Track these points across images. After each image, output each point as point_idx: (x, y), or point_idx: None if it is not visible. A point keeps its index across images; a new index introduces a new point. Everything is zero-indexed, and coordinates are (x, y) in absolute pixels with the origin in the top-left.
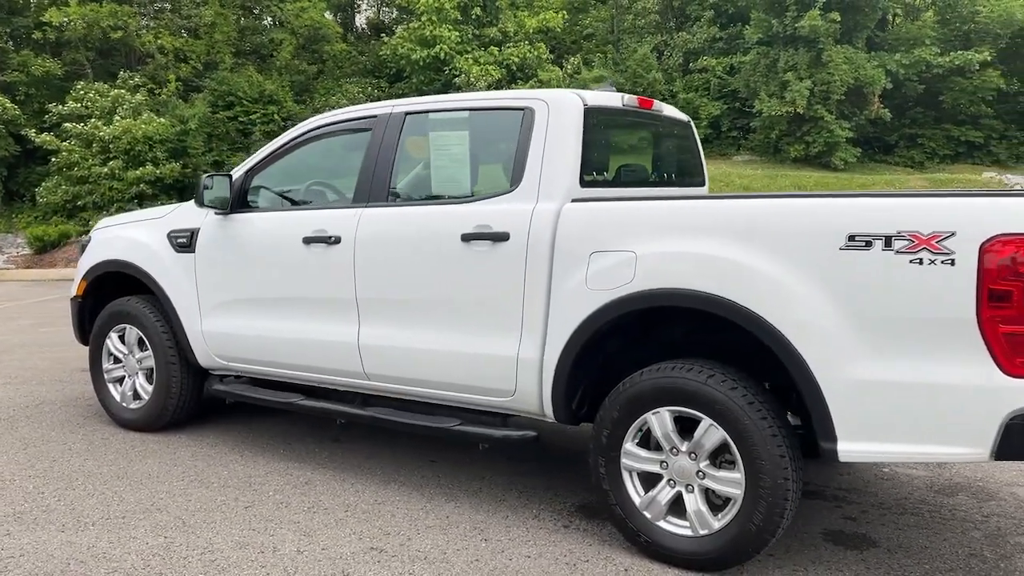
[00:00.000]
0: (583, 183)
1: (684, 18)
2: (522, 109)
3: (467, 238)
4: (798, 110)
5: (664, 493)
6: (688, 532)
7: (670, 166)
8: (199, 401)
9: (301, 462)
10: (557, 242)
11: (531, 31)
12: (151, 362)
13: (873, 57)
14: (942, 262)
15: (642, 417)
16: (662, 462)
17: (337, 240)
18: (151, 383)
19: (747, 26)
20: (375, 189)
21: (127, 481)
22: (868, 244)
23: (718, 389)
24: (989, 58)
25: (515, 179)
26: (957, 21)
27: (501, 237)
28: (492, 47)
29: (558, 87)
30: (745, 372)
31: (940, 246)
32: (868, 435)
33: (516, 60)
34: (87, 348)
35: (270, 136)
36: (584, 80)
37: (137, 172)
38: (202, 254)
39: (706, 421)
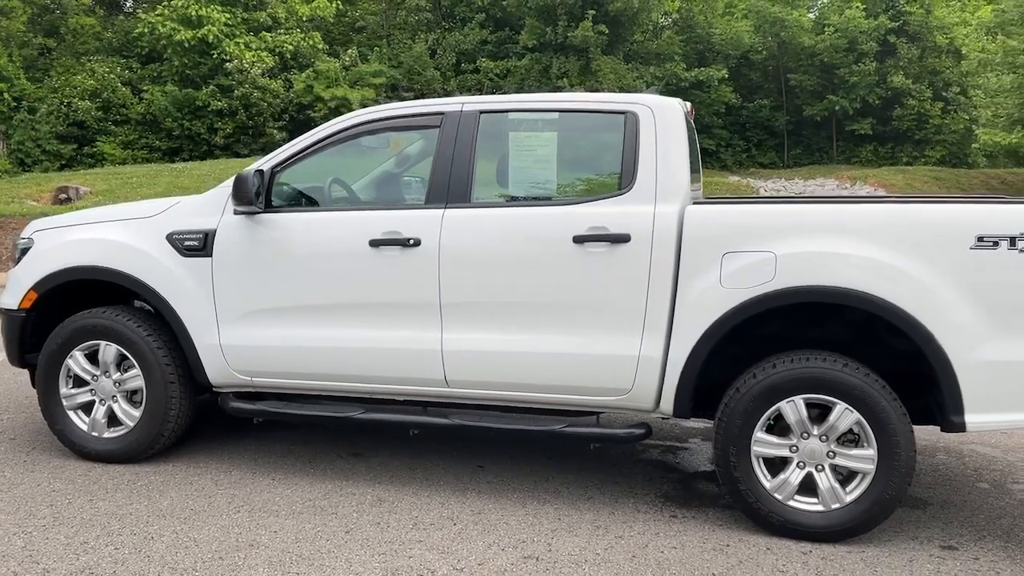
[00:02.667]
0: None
1: (453, 19)
2: (623, 113)
3: (580, 240)
4: None
5: (795, 475)
6: (819, 508)
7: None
8: (190, 424)
9: (350, 480)
10: (684, 243)
11: (303, 18)
12: (137, 382)
13: (633, 68)
14: None
15: (776, 406)
16: (792, 446)
17: (417, 242)
18: (137, 407)
19: (521, 32)
20: (454, 189)
21: (175, 519)
22: (995, 244)
23: (855, 376)
24: (726, 75)
25: (625, 182)
26: (695, 41)
27: (621, 239)
28: (264, 33)
29: (336, 79)
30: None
31: None
32: (992, 407)
33: (290, 48)
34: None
35: None
36: (361, 73)
37: None
38: (222, 258)
39: (841, 405)
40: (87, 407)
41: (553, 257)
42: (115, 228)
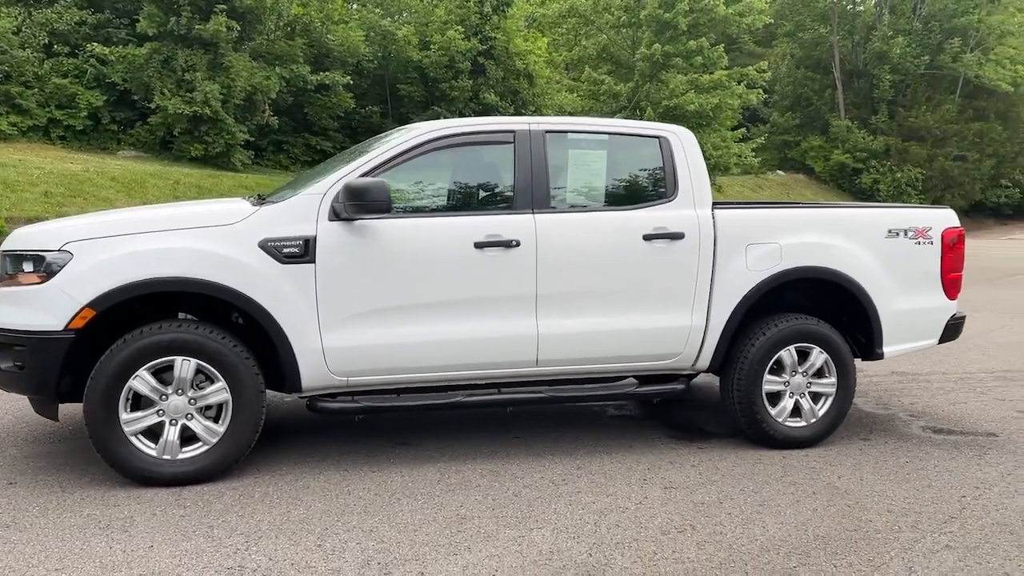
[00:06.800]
0: None
1: None
2: (658, 137)
3: (649, 238)
4: (207, 111)
5: (789, 402)
6: (803, 423)
7: None
8: None
9: (440, 462)
10: (718, 238)
11: None
12: (221, 396)
13: (261, 67)
14: (928, 243)
15: (777, 354)
16: (785, 382)
17: (517, 243)
18: (218, 421)
19: (139, 18)
20: (537, 197)
21: (357, 515)
22: (897, 234)
23: (824, 328)
24: (350, 81)
25: (670, 191)
26: (313, 45)
27: (678, 236)
28: None
29: None
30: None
31: (928, 234)
32: (896, 340)
33: None
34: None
35: None
36: None
37: None
38: (327, 263)
39: (817, 349)
40: (150, 430)
41: (630, 252)
42: (193, 236)
